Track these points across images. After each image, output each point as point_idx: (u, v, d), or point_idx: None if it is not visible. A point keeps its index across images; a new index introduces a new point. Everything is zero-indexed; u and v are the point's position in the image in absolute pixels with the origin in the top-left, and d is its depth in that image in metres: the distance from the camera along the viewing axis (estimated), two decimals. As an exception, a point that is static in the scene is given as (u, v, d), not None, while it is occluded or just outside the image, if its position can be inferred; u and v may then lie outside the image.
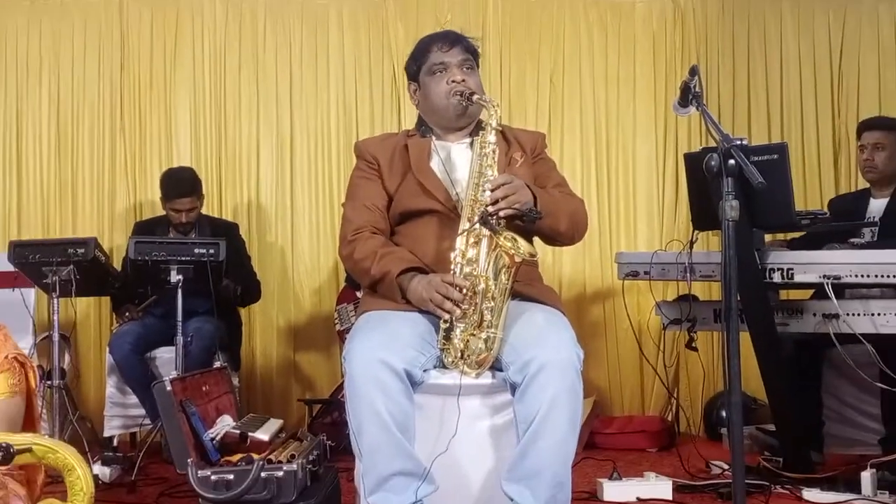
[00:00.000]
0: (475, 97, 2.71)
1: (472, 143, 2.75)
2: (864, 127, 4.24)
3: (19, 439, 2.44)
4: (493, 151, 2.64)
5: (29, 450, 2.43)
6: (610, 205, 5.58)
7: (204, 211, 5.01)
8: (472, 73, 2.80)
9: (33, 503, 2.71)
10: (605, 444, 4.79)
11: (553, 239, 2.77)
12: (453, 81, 2.74)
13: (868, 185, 4.27)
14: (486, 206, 2.51)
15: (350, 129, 5.56)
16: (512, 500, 2.36)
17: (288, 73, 5.61)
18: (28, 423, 2.78)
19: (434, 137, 2.84)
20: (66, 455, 2.44)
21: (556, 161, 3.00)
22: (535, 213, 2.53)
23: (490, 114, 2.68)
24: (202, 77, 5.58)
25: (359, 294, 4.17)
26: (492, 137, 2.66)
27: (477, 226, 2.53)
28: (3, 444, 2.39)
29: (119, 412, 4.72)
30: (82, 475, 2.43)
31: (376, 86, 5.62)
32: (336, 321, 4.90)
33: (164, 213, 4.92)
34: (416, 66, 2.85)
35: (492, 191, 2.52)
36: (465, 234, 2.55)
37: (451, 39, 2.82)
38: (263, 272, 5.31)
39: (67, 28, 5.56)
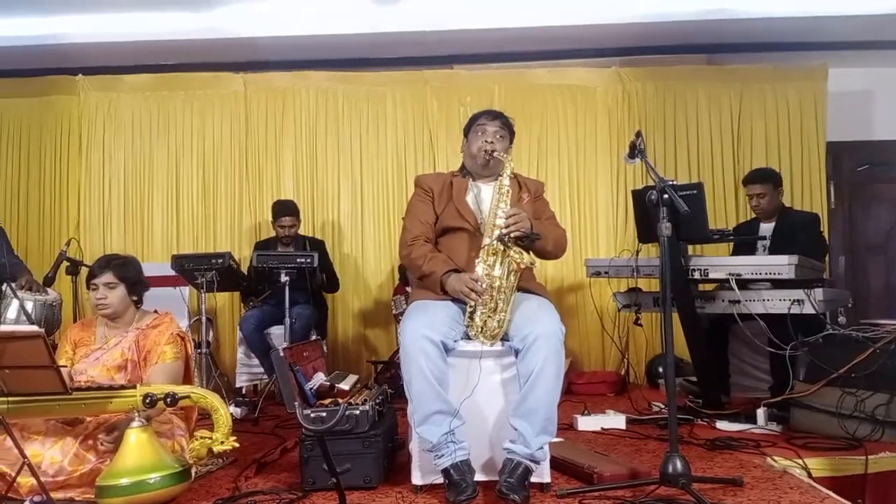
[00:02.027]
0: (495, 154, 2.72)
1: (494, 185, 2.74)
2: (747, 181, 4.16)
3: (181, 389, 2.47)
4: (507, 192, 2.66)
5: (188, 396, 2.47)
6: (581, 226, 5.53)
7: (301, 232, 5.01)
8: (501, 140, 2.79)
9: (190, 432, 2.74)
10: (578, 390, 4.74)
11: (543, 255, 2.75)
12: (486, 142, 2.75)
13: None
14: (502, 228, 2.52)
15: (401, 174, 5.55)
16: (516, 429, 2.35)
17: (358, 136, 5.61)
18: (186, 378, 2.81)
19: (471, 179, 2.82)
20: (213, 400, 2.47)
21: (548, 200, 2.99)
22: (534, 235, 2.56)
23: (506, 166, 2.71)
24: (300, 140, 5.60)
25: (408, 289, 4.17)
26: (507, 182, 2.67)
27: (495, 242, 2.54)
28: (170, 393, 2.42)
29: (246, 370, 4.73)
30: (223, 413, 2.46)
31: (418, 144, 5.61)
32: (392, 307, 4.89)
33: (275, 234, 4.93)
34: (469, 127, 2.86)
35: (506, 219, 2.53)
36: (487, 247, 2.55)
37: (494, 115, 2.82)
38: (342, 273, 5.31)
39: (209, 109, 5.62)
